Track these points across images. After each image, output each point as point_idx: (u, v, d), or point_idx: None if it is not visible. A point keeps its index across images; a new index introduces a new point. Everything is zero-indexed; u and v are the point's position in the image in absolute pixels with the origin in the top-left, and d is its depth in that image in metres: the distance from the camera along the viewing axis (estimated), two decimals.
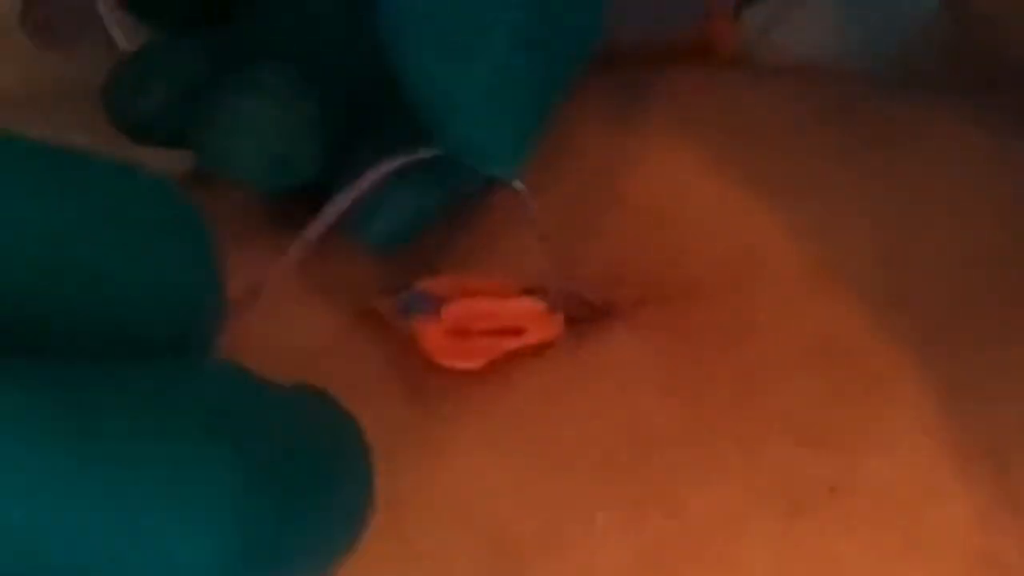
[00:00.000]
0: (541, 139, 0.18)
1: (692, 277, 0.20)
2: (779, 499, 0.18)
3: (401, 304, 0.19)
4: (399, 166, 0.19)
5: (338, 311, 0.19)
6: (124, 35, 0.24)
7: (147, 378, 0.12)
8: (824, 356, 0.19)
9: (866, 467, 0.19)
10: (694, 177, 0.21)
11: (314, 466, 0.12)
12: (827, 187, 0.21)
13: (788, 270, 0.20)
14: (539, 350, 0.19)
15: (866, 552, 0.18)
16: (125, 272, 0.12)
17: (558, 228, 0.20)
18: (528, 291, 0.19)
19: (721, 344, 0.20)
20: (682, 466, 0.19)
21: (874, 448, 0.19)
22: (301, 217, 0.18)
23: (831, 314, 0.20)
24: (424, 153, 0.19)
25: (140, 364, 0.12)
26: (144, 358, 0.13)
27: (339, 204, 0.18)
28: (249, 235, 0.21)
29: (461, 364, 0.19)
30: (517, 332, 0.19)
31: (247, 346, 0.15)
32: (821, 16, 0.25)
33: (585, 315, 0.20)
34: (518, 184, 0.19)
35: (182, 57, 0.22)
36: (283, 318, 0.18)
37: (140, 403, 0.12)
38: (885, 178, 0.21)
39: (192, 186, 0.21)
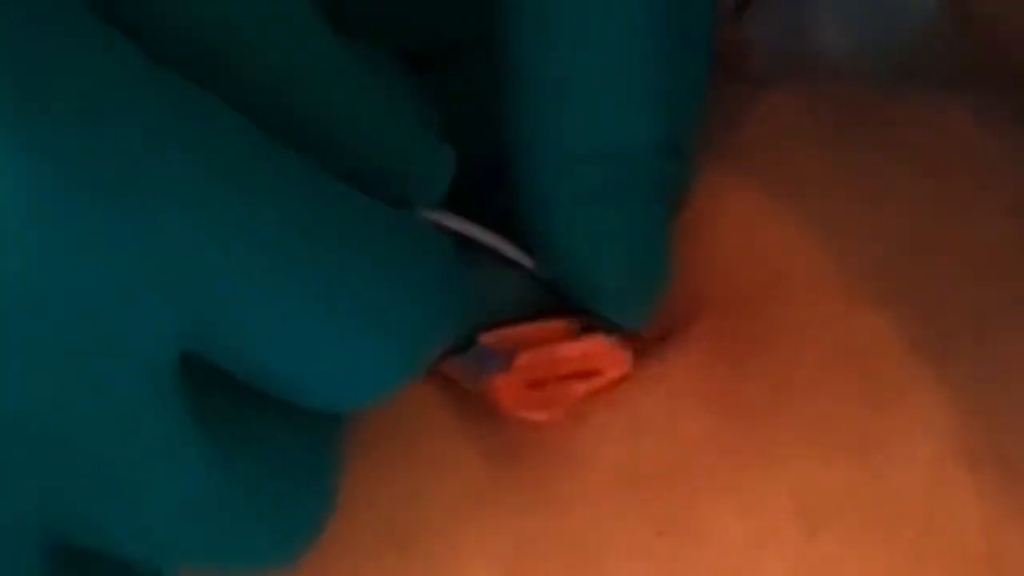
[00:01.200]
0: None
1: (727, 291, 0.21)
2: (800, 515, 0.19)
3: (471, 362, 0.19)
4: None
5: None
6: None
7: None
8: (847, 366, 0.20)
9: (883, 477, 0.19)
10: (711, 193, 0.21)
11: None
12: (841, 198, 0.21)
13: (805, 277, 0.21)
14: (611, 386, 0.19)
15: (878, 560, 0.19)
16: None
17: None
18: (586, 328, 0.19)
19: (752, 357, 0.20)
20: (709, 484, 0.19)
21: (892, 459, 0.19)
22: None
23: (851, 324, 0.20)
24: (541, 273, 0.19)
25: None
26: None
27: None
28: None
29: (539, 415, 0.18)
30: (588, 374, 0.19)
31: None
32: (821, 19, 0.25)
33: (639, 341, 0.19)
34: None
35: None
36: None
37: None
38: (900, 187, 0.21)
39: None
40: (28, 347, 0.13)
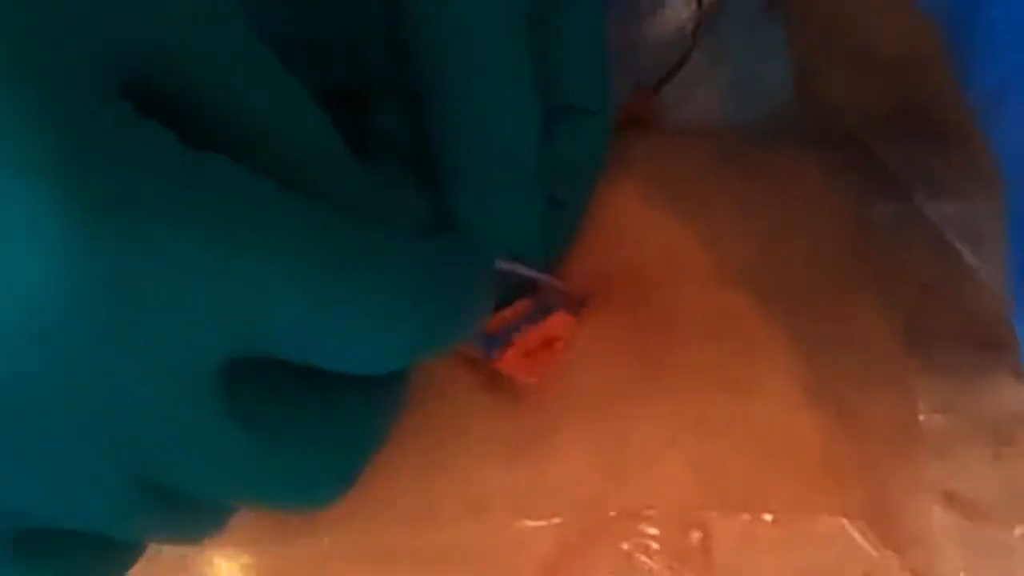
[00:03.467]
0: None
1: (634, 275, 0.25)
2: (695, 428, 0.23)
3: (481, 344, 0.22)
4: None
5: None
6: None
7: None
8: (722, 328, 0.24)
9: (750, 405, 0.23)
10: (632, 206, 0.25)
11: None
12: (721, 214, 0.25)
13: (696, 270, 0.25)
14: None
15: (749, 458, 0.23)
16: None
17: None
18: (543, 308, 0.23)
19: (657, 321, 0.24)
20: (625, 410, 0.23)
21: (757, 391, 0.23)
22: None
23: (725, 299, 0.24)
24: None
25: None
26: None
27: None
28: None
29: (532, 379, 0.22)
30: (552, 340, 0.23)
31: None
32: (716, 91, 0.30)
33: (573, 307, 0.24)
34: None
35: None
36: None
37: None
38: (761, 207, 0.26)
39: None
40: (105, 362, 0.13)
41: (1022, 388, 0.24)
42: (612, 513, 0.22)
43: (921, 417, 0.24)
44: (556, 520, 0.22)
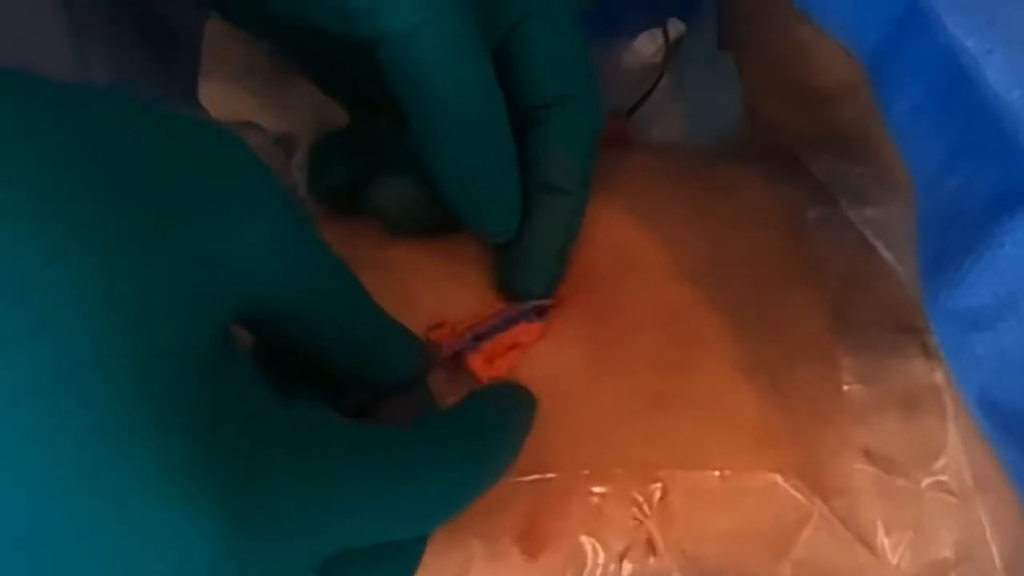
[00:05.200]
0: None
1: (592, 272, 0.26)
2: (645, 400, 0.25)
3: (456, 348, 0.24)
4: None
5: None
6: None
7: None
8: (671, 318, 0.26)
9: (697, 380, 0.25)
10: (595, 213, 0.26)
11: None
12: (676, 219, 0.27)
13: (650, 267, 0.26)
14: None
15: (697, 427, 0.24)
16: None
17: None
18: (516, 315, 0.24)
19: (611, 311, 0.25)
20: (588, 389, 0.25)
21: (702, 369, 0.25)
22: None
23: (675, 293, 0.26)
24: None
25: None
26: None
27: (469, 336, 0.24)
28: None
29: (493, 376, 0.24)
30: (515, 346, 0.24)
31: None
32: (678, 115, 0.31)
33: (539, 316, 0.25)
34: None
35: (352, 147, 0.26)
36: None
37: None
38: (711, 213, 0.27)
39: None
40: None
41: (929, 364, 0.25)
42: (585, 472, 0.24)
43: (845, 388, 0.25)
44: (536, 477, 0.24)
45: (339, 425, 0.17)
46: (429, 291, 0.25)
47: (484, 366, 0.24)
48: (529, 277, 0.25)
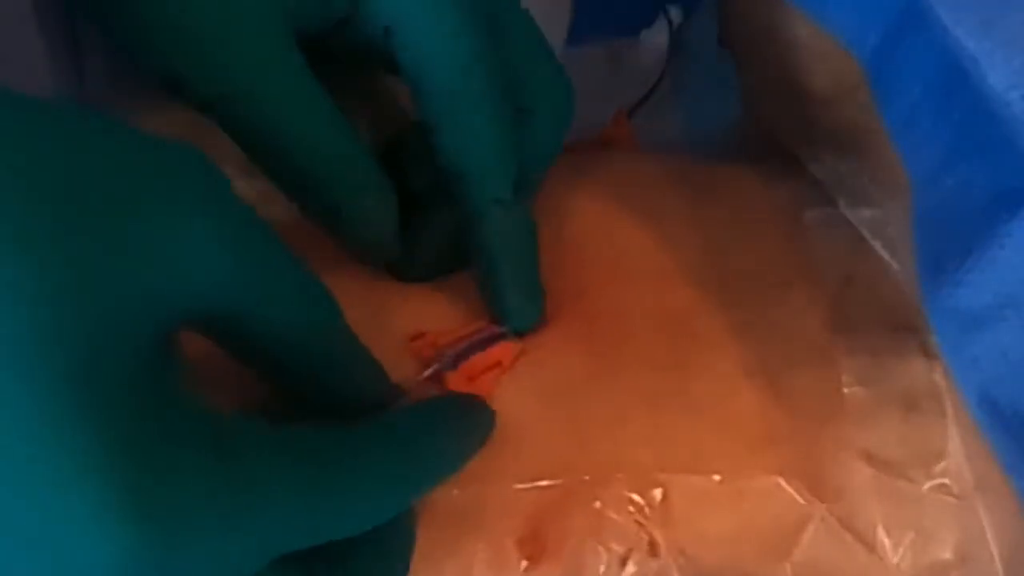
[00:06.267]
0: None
1: (590, 275, 0.26)
2: (645, 403, 0.24)
3: (437, 367, 0.24)
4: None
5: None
6: None
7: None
8: (669, 320, 0.25)
9: (697, 383, 0.25)
10: (592, 216, 0.26)
11: None
12: (674, 219, 0.26)
13: (647, 268, 0.26)
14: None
15: (696, 429, 0.24)
16: None
17: None
18: (495, 335, 0.24)
19: (609, 314, 0.25)
20: (588, 394, 0.25)
21: (701, 372, 0.25)
22: None
23: (674, 294, 0.26)
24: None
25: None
26: None
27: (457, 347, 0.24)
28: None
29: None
30: (494, 365, 0.24)
31: None
32: (678, 116, 0.31)
33: (518, 334, 0.25)
34: None
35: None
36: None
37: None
38: (709, 213, 0.27)
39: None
40: None
41: (929, 364, 0.25)
42: (586, 477, 0.24)
43: (844, 390, 0.25)
44: (538, 484, 0.23)
45: (266, 430, 0.17)
46: (406, 302, 0.25)
47: (462, 384, 0.24)
48: (514, 319, 0.25)
